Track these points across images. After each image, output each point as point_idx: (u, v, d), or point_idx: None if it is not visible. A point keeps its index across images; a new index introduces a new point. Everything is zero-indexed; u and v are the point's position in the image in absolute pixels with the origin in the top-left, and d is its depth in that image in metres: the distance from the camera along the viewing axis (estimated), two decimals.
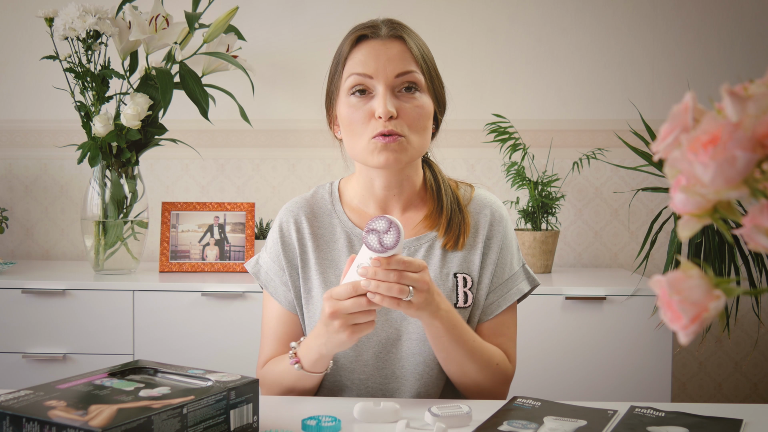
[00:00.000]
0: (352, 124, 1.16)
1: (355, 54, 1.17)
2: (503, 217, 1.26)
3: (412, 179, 1.24)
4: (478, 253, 1.22)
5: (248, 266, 1.29)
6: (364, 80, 1.16)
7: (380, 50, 1.16)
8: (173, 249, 2.27)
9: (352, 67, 1.17)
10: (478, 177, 2.50)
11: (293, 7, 2.50)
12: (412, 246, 1.23)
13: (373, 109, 1.15)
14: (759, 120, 0.47)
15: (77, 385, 0.92)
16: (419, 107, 1.16)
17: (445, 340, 1.10)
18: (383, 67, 1.15)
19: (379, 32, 1.18)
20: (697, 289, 0.50)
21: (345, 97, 1.18)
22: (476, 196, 1.27)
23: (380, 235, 0.99)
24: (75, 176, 2.53)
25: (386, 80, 1.15)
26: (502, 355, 1.21)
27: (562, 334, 2.02)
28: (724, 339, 2.50)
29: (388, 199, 1.24)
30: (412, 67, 1.16)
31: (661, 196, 2.48)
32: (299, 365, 1.12)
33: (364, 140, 1.16)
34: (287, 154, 2.52)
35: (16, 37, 2.52)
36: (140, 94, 2.06)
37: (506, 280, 1.24)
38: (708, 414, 1.04)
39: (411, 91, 1.16)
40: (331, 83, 1.23)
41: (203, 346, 2.02)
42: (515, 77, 2.51)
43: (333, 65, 1.22)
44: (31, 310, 2.03)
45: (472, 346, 1.13)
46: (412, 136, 1.16)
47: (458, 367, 1.14)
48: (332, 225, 1.25)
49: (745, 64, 2.48)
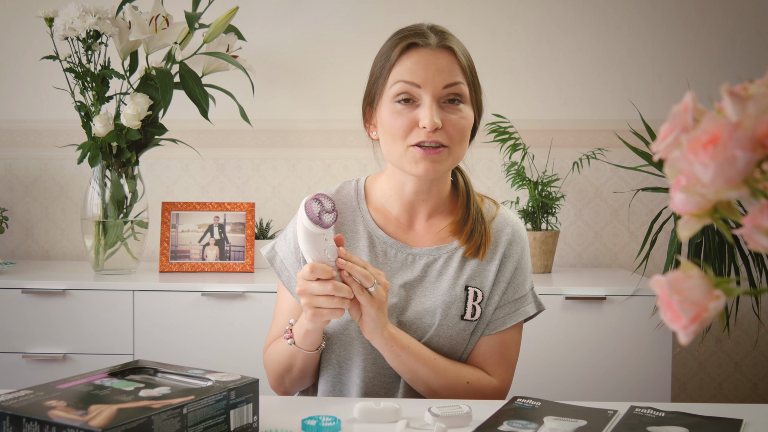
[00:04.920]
0: (393, 129, 1.17)
1: (404, 61, 1.17)
2: (522, 238, 1.27)
3: (442, 186, 1.26)
4: (493, 269, 1.23)
5: (263, 251, 1.30)
6: (411, 89, 1.16)
7: (430, 60, 1.16)
8: (173, 249, 2.27)
9: (399, 74, 1.17)
10: (478, 177, 2.50)
11: (293, 7, 2.50)
12: (432, 254, 1.24)
13: (417, 118, 1.15)
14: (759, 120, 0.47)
15: (77, 385, 0.92)
16: (463, 119, 1.18)
17: (404, 358, 1.14)
18: (432, 78, 1.15)
19: (429, 41, 1.18)
20: (697, 289, 0.50)
21: (389, 102, 1.18)
22: (500, 213, 1.29)
23: (323, 210, 1.04)
24: (75, 176, 2.53)
25: (434, 91, 1.15)
26: (477, 374, 1.21)
27: (562, 334, 2.02)
28: (724, 339, 2.50)
29: (415, 204, 1.26)
30: (460, 79, 1.17)
31: (661, 196, 2.48)
32: (292, 340, 1.16)
33: (404, 147, 1.17)
34: (287, 154, 2.52)
35: (16, 37, 2.52)
36: (140, 94, 2.06)
37: (515, 300, 1.25)
38: (708, 414, 1.04)
39: (455, 102, 1.17)
40: (373, 85, 1.22)
41: (203, 346, 2.02)
42: (515, 77, 2.51)
43: (377, 68, 1.22)
44: (31, 310, 2.03)
45: (434, 364, 1.17)
46: (454, 147, 1.17)
47: (425, 385, 1.17)
48: (355, 223, 1.26)
49: (745, 64, 2.48)
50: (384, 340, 1.12)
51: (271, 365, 1.24)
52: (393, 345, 1.13)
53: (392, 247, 1.24)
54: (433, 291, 1.21)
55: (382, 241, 1.24)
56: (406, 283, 1.22)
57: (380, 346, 1.13)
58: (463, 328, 1.21)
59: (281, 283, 1.28)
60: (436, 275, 1.22)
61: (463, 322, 1.21)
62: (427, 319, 1.20)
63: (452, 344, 1.21)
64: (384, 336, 1.12)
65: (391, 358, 1.15)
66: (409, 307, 1.21)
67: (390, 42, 1.21)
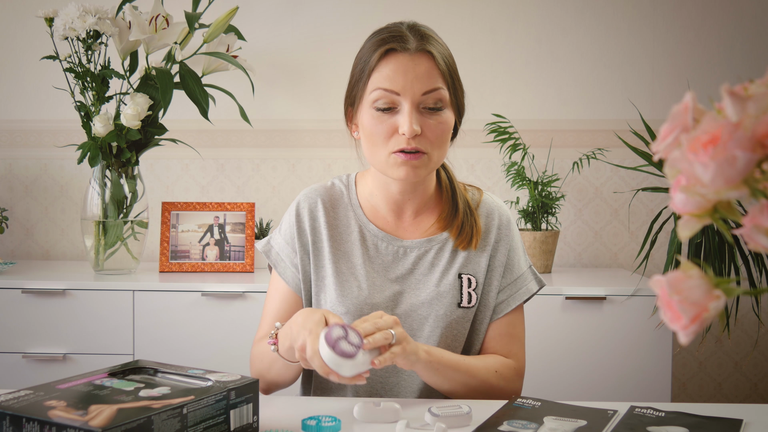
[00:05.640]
0: (374, 136, 1.17)
1: (382, 68, 1.16)
2: (510, 221, 1.29)
3: (427, 185, 1.27)
4: (485, 256, 1.25)
5: (259, 246, 1.30)
6: (390, 96, 1.16)
7: (408, 66, 1.15)
8: (173, 249, 2.27)
9: (378, 81, 1.16)
10: (478, 177, 2.50)
11: (293, 7, 2.50)
12: (423, 246, 1.25)
13: (397, 124, 1.15)
14: (759, 120, 0.47)
15: (77, 385, 0.92)
16: (442, 123, 1.18)
17: (442, 370, 1.13)
18: (411, 85, 1.15)
19: (408, 45, 1.16)
20: (697, 289, 0.50)
21: (368, 108, 1.18)
22: (485, 200, 1.30)
23: (346, 339, 0.99)
24: (75, 176, 2.53)
25: (413, 98, 1.15)
26: (499, 359, 1.23)
27: (562, 334, 2.02)
28: (724, 339, 2.50)
29: (401, 203, 1.26)
30: (439, 84, 1.17)
31: (661, 196, 2.48)
32: (276, 347, 1.12)
33: (385, 153, 1.17)
34: (287, 154, 2.52)
35: (16, 37, 2.52)
36: (140, 94, 2.06)
37: (515, 280, 1.27)
38: (708, 414, 1.04)
39: (435, 107, 1.17)
40: (354, 87, 1.22)
41: (203, 346, 2.02)
42: (515, 77, 2.51)
43: (357, 70, 1.21)
44: (31, 310, 2.03)
45: (467, 366, 1.16)
46: (433, 152, 1.17)
47: (464, 387, 1.17)
48: (347, 218, 1.27)
49: (745, 64, 2.48)
50: (423, 363, 1.10)
51: (254, 363, 1.23)
52: (431, 361, 1.11)
53: (383, 240, 1.25)
54: (426, 282, 1.23)
55: (373, 235, 1.25)
56: (399, 276, 1.23)
57: (420, 369, 1.11)
58: (462, 316, 1.22)
59: (276, 274, 1.28)
60: (428, 267, 1.24)
61: (460, 309, 1.22)
62: (422, 310, 1.21)
63: (454, 334, 1.22)
64: (423, 358, 1.09)
65: (430, 375, 1.13)
66: (402, 300, 1.22)
67: (370, 44, 1.20)
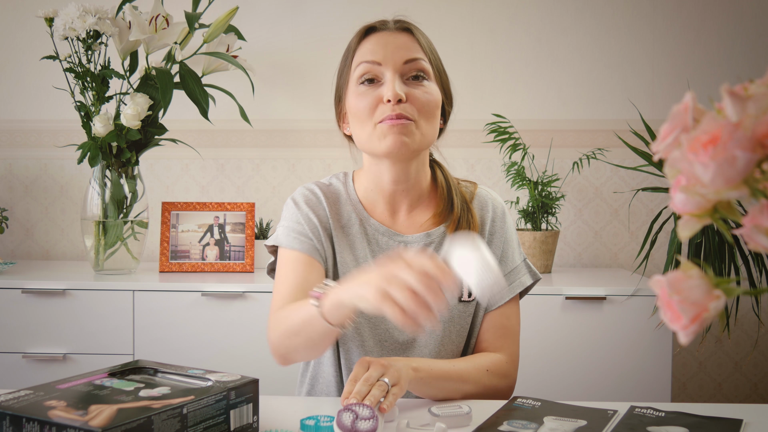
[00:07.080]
0: (359, 111, 1.17)
1: (364, 45, 1.20)
2: (505, 214, 1.30)
3: (420, 176, 1.25)
4: None
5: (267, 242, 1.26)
6: (372, 68, 1.17)
7: (388, 39, 1.19)
8: (173, 249, 2.27)
9: (361, 56, 1.19)
10: (478, 177, 2.50)
11: (293, 7, 2.50)
12: (422, 241, 1.25)
13: (381, 95, 1.16)
14: (759, 120, 0.47)
15: (77, 385, 0.91)
16: (428, 93, 1.18)
17: (434, 383, 1.12)
18: (391, 54, 1.17)
19: (387, 25, 1.21)
20: (697, 289, 0.50)
21: (354, 86, 1.19)
22: (479, 193, 1.30)
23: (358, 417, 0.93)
24: (75, 176, 2.53)
25: (395, 66, 1.16)
26: (488, 357, 1.22)
27: (562, 334, 2.02)
28: (724, 339, 2.49)
29: (396, 195, 1.25)
30: (420, 55, 1.19)
31: (661, 196, 2.48)
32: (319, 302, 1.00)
33: (371, 126, 1.16)
34: (287, 154, 2.52)
35: (16, 37, 2.52)
36: (140, 94, 2.06)
37: (509, 273, 1.27)
38: (708, 414, 1.04)
39: (419, 79, 1.18)
40: (340, 78, 1.24)
41: (203, 346, 2.02)
42: (515, 77, 2.51)
43: (342, 61, 1.24)
44: (31, 310, 2.03)
45: (458, 371, 1.15)
46: (420, 121, 1.16)
47: (458, 393, 1.16)
48: (348, 212, 1.27)
49: (745, 64, 2.48)
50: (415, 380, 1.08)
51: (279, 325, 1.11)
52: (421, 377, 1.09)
53: (384, 234, 1.24)
54: None
55: (374, 229, 1.25)
56: None
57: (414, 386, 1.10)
58: (463, 310, 1.23)
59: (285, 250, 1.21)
60: None
61: (461, 304, 1.23)
62: None
63: (457, 329, 1.23)
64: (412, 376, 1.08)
65: (422, 390, 1.12)
66: None
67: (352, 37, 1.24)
